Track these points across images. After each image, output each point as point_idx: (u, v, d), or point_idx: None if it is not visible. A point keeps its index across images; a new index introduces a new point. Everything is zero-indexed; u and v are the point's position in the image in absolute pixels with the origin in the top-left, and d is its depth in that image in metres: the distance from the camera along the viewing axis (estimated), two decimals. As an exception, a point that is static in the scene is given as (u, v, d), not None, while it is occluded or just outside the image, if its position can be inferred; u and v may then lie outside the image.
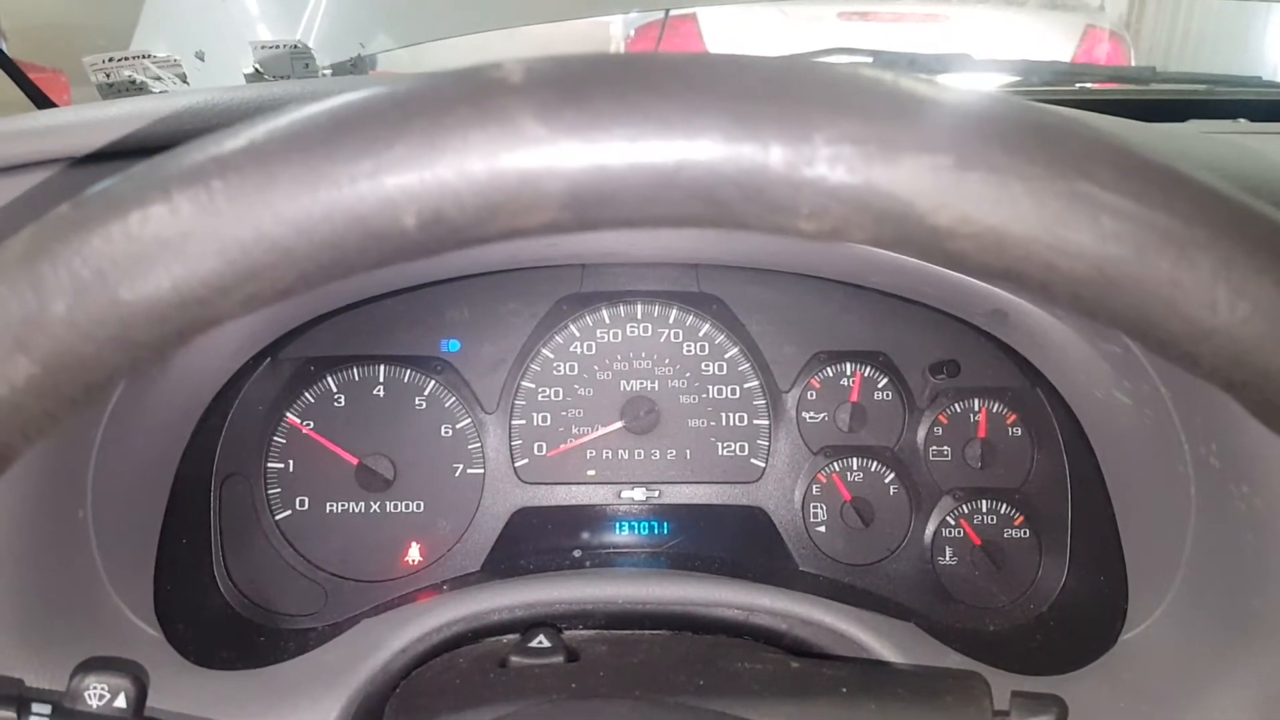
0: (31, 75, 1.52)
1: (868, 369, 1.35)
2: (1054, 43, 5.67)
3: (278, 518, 1.30)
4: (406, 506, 1.32)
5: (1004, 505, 1.32)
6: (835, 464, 1.34)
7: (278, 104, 0.53)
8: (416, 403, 1.33)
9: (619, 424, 1.35)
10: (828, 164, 0.35)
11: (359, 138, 0.35)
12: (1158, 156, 0.37)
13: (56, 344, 0.36)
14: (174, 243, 0.35)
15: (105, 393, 0.38)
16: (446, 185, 0.35)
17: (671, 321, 1.36)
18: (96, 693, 0.68)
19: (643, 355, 1.36)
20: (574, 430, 1.35)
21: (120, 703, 0.69)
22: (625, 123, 0.35)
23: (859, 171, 0.35)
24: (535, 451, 1.35)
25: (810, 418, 1.35)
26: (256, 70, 1.57)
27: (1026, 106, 0.37)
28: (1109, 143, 0.36)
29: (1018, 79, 1.65)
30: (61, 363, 0.36)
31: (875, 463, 1.34)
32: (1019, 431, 1.33)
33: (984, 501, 1.32)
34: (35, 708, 0.67)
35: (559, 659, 0.83)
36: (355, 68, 1.77)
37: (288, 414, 1.30)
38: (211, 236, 0.35)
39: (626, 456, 1.36)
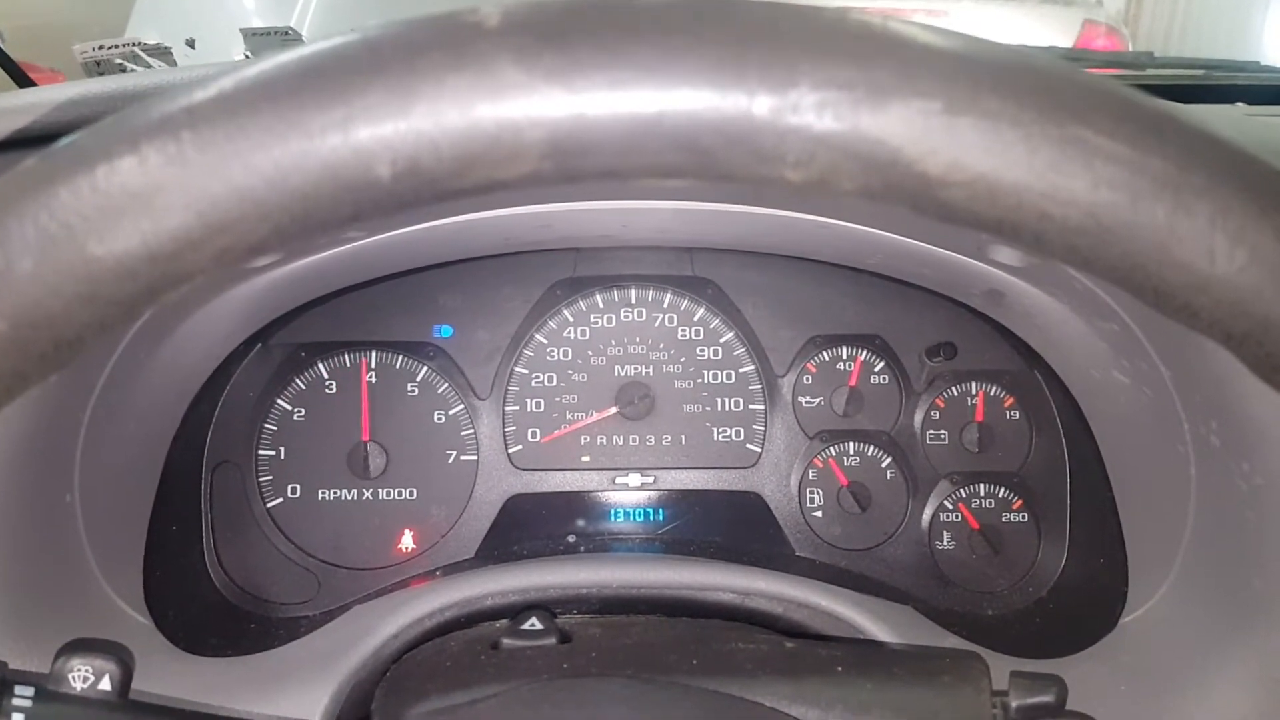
0: (32, 75, 1.52)
1: (864, 353, 1.34)
2: (1051, 38, 5.70)
3: (269, 505, 1.29)
4: (399, 494, 1.31)
5: (1002, 489, 1.31)
6: (831, 449, 1.33)
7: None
8: (409, 389, 1.32)
9: (614, 409, 1.34)
10: (814, 110, 0.34)
11: (330, 85, 0.34)
12: (1152, 101, 0.36)
13: (24, 300, 0.35)
14: (142, 195, 0.34)
15: (76, 351, 0.37)
16: (422, 134, 0.34)
17: (666, 306, 1.35)
18: (80, 675, 0.67)
19: (637, 340, 1.35)
20: (568, 416, 1.34)
21: (105, 685, 0.67)
22: (606, 67, 0.34)
23: (846, 117, 0.34)
24: (529, 438, 1.34)
25: (806, 402, 1.34)
26: (247, 57, 1.56)
27: (1017, 51, 0.36)
28: (1102, 87, 0.35)
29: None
30: (29, 319, 0.36)
31: (872, 447, 1.33)
32: (1017, 414, 1.32)
33: (982, 485, 1.31)
34: (18, 690, 0.66)
35: (551, 641, 0.82)
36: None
37: (279, 400, 1.30)
38: (180, 188, 0.34)
39: (621, 442, 1.35)
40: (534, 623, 0.85)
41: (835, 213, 1.06)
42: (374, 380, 1.32)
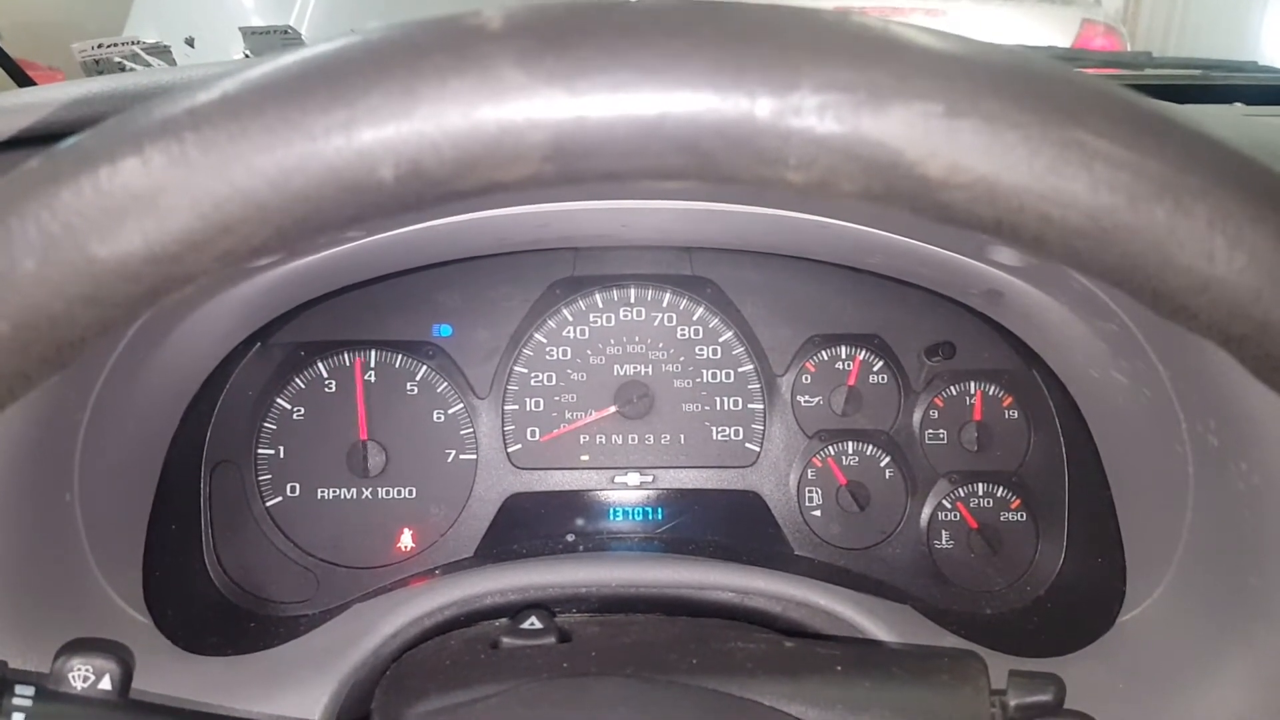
0: (30, 73, 1.52)
1: (863, 352, 1.34)
2: (1050, 37, 5.70)
3: (268, 504, 1.29)
4: (398, 493, 1.31)
5: (1000, 488, 1.31)
6: (830, 448, 1.33)
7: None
8: (408, 388, 1.32)
9: (613, 409, 1.34)
10: (815, 112, 0.34)
11: (333, 87, 0.34)
12: (1151, 103, 0.36)
13: (26, 301, 0.35)
14: (145, 196, 0.35)
15: (78, 352, 0.37)
16: (424, 136, 0.34)
17: (665, 305, 1.35)
18: (80, 674, 0.67)
19: (636, 339, 1.35)
20: (567, 415, 1.34)
21: (105, 684, 0.67)
22: (608, 70, 0.34)
23: (847, 120, 0.34)
24: (528, 437, 1.34)
25: (805, 401, 1.34)
26: (246, 56, 1.56)
27: (1018, 53, 0.36)
28: (1102, 90, 0.36)
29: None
30: (32, 321, 0.36)
31: (870, 446, 1.33)
32: (1015, 414, 1.32)
33: (980, 484, 1.32)
34: (18, 689, 0.66)
35: (550, 640, 0.83)
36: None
37: (278, 399, 1.30)
38: (183, 190, 0.34)
39: (620, 441, 1.35)
40: (533, 622, 0.85)
41: (835, 213, 1.06)
42: (373, 379, 1.32)
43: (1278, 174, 0.36)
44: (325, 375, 1.31)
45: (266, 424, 1.30)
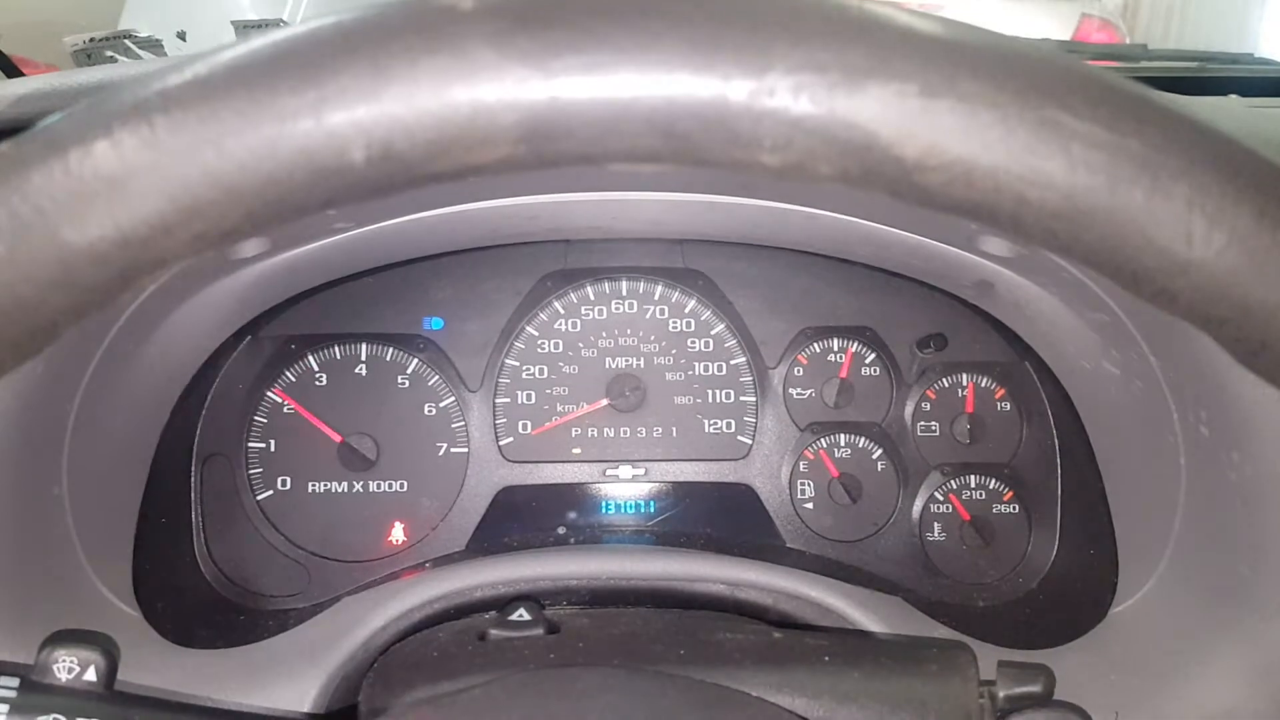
0: (26, 70, 1.52)
1: (855, 344, 1.34)
2: (1049, 31, 5.72)
3: (259, 498, 1.28)
4: (390, 486, 1.31)
5: (993, 480, 1.31)
6: (822, 440, 1.33)
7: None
8: (399, 381, 1.32)
9: (604, 401, 1.34)
10: (790, 93, 0.34)
11: (303, 68, 0.34)
12: (1129, 84, 0.36)
13: None
14: (115, 179, 0.34)
15: (50, 338, 0.37)
16: (395, 118, 0.34)
17: (657, 298, 1.35)
18: (65, 665, 0.67)
19: (628, 332, 1.35)
20: (559, 408, 1.34)
21: (90, 676, 0.67)
22: (581, 51, 0.34)
23: (822, 101, 0.34)
24: (520, 430, 1.34)
25: (797, 394, 1.34)
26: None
27: (995, 34, 0.36)
28: (1079, 70, 0.35)
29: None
30: (1, 305, 0.35)
31: (863, 439, 1.33)
32: (1007, 406, 1.32)
33: (972, 477, 1.31)
34: (3, 681, 0.66)
35: (539, 632, 0.82)
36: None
37: (269, 393, 1.29)
38: (153, 173, 0.34)
39: (612, 434, 1.34)
40: (522, 613, 0.84)
41: (826, 204, 1.06)
42: (364, 372, 1.31)
43: (1256, 154, 0.35)
44: (316, 368, 1.30)
45: (257, 417, 1.29)
